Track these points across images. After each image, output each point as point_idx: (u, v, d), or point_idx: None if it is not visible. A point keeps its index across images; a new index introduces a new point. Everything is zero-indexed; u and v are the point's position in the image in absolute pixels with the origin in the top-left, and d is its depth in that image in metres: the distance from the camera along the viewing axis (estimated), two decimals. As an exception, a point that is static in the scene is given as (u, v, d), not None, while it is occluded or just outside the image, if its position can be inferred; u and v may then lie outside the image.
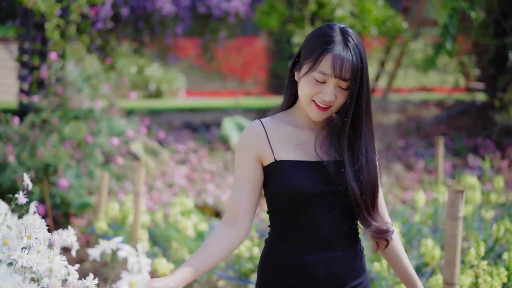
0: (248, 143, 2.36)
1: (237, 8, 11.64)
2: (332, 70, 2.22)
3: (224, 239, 2.33)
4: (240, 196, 2.36)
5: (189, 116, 12.86)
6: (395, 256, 2.47)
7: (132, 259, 1.39)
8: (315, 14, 12.31)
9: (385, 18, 12.83)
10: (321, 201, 2.28)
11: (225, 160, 11.02)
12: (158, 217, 6.17)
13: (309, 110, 2.31)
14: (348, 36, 2.25)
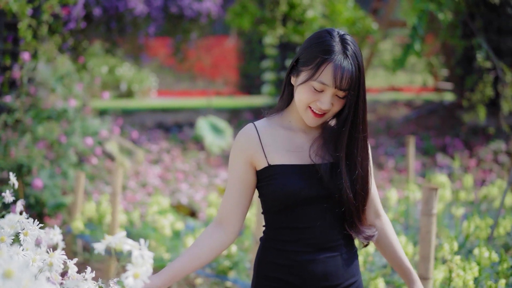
0: (241, 147, 2.38)
1: (209, 9, 11.68)
2: (332, 81, 2.22)
3: (212, 241, 2.35)
4: (231, 199, 2.38)
5: (161, 116, 12.89)
6: (389, 246, 2.50)
7: (136, 252, 1.46)
8: (287, 15, 12.43)
9: (355, 19, 12.98)
10: (314, 204, 2.30)
11: (198, 160, 11.07)
12: (134, 217, 6.21)
13: (305, 116, 2.32)
14: (347, 45, 2.25)
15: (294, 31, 12.52)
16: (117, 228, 5.51)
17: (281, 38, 12.69)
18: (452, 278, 3.61)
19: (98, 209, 6.27)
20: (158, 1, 11.30)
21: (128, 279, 1.43)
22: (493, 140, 11.87)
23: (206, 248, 2.34)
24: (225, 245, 2.40)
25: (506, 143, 11.70)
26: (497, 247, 5.10)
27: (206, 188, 9.99)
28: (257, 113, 13.50)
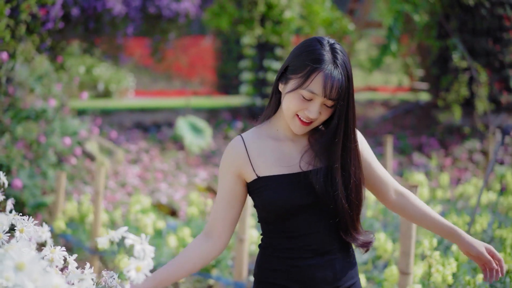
0: (229, 161, 2.38)
1: (187, 9, 11.72)
2: (322, 90, 2.22)
3: (199, 251, 2.38)
4: (219, 211, 2.39)
5: (140, 116, 12.90)
6: (424, 215, 2.47)
7: (138, 246, 1.52)
8: (265, 16, 12.51)
9: (332, 20, 13.11)
10: (308, 212, 2.31)
11: (177, 160, 11.11)
12: (116, 216, 6.24)
13: (292, 124, 2.31)
14: (337, 54, 2.25)
15: (272, 32, 12.61)
16: (99, 227, 5.55)
17: (259, 38, 12.77)
18: (431, 273, 3.71)
19: (80, 209, 6.29)
20: (137, 1, 11.31)
21: (131, 272, 1.49)
22: (468, 139, 12.06)
23: (192, 257, 2.37)
24: (211, 255, 2.41)
25: (481, 142, 11.89)
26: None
27: (186, 187, 10.04)
28: (235, 112, 13.56)
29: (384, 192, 2.48)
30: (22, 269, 1.29)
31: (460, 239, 2.39)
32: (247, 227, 4.68)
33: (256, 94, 13.30)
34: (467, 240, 2.38)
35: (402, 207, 2.49)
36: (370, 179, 2.46)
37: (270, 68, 13.07)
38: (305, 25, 12.97)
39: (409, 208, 2.47)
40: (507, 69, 12.95)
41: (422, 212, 2.46)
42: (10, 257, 1.29)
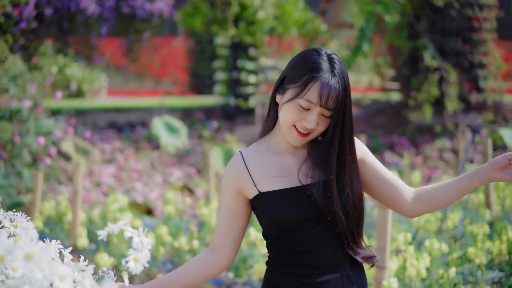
0: (229, 178, 2.36)
1: (161, 9, 11.75)
2: (318, 99, 2.19)
3: (201, 264, 2.37)
4: (222, 228, 2.37)
5: (113, 116, 12.91)
6: (440, 195, 2.33)
7: (136, 238, 1.61)
8: (238, 16, 12.61)
9: (305, 21, 13.24)
10: (311, 226, 2.26)
11: (152, 159, 11.16)
12: (94, 215, 6.28)
13: (289, 135, 2.27)
14: (334, 64, 2.23)
15: (246, 32, 12.71)
16: (78, 226, 5.59)
17: (232, 38, 12.86)
18: (406, 267, 3.83)
19: (58, 208, 6.32)
20: (110, 1, 11.31)
21: (130, 263, 1.57)
22: (438, 138, 12.28)
23: (193, 269, 2.37)
24: (213, 270, 2.39)
25: (451, 141, 12.11)
26: (446, 239, 5.37)
27: (161, 186, 10.09)
28: (209, 112, 13.64)
29: (399, 198, 2.37)
30: (31, 258, 1.36)
31: (482, 169, 2.23)
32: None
33: (230, 94, 13.39)
34: (485, 166, 2.23)
35: (424, 204, 2.36)
36: (381, 186, 2.39)
37: (244, 68, 13.18)
38: (278, 25, 13.09)
39: (426, 199, 2.35)
40: (476, 69, 13.22)
41: (436, 192, 2.33)
42: (20, 247, 1.37)
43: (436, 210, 2.34)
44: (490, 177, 2.21)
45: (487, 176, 2.21)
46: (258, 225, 5.38)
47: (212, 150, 7.63)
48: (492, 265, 4.49)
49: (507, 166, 2.19)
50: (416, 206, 2.35)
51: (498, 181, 2.21)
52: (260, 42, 13.02)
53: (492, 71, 13.67)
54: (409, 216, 2.39)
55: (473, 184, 2.25)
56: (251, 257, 5.07)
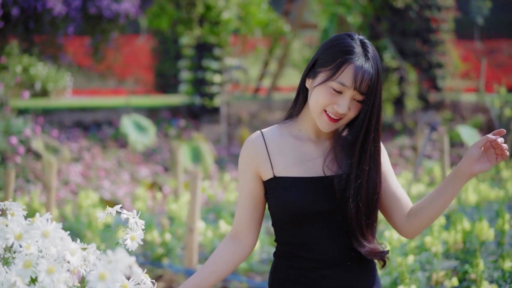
0: (247, 158, 2.27)
1: (127, 10, 11.91)
2: (352, 81, 2.10)
3: (228, 254, 2.29)
4: (243, 212, 2.30)
5: (80, 115, 13.02)
6: (425, 206, 2.20)
7: (131, 219, 1.83)
8: (203, 16, 12.82)
9: (269, 21, 13.51)
10: (323, 219, 2.19)
11: (119, 158, 11.31)
12: (67, 211, 6.45)
13: (319, 120, 2.17)
14: (367, 48, 2.16)
15: (211, 32, 12.93)
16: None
17: (197, 38, 13.07)
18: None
19: (31, 205, 6.47)
20: (77, 2, 11.43)
21: (127, 241, 1.80)
22: (398, 135, 12.65)
23: (222, 263, 2.28)
24: (241, 258, 2.31)
25: (411, 138, 12.49)
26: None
27: (128, 184, 10.26)
28: (175, 111, 13.83)
29: (399, 213, 2.24)
30: (47, 236, 1.59)
31: (460, 168, 2.14)
32: (196, 217, 4.99)
33: (196, 93, 13.61)
34: (461, 164, 2.14)
35: (415, 218, 2.22)
36: (384, 196, 2.27)
37: (209, 68, 13.40)
38: (242, 26, 13.34)
39: (419, 212, 2.21)
40: (434, 69, 13.65)
41: (421, 206, 2.21)
42: (37, 227, 1.59)
43: (428, 223, 2.20)
44: (471, 172, 2.12)
45: (467, 172, 2.12)
46: (227, 217, 5.61)
47: (180, 147, 7.84)
48: (448, 254, 4.79)
49: (481, 155, 2.11)
50: (409, 222, 2.22)
51: (479, 173, 2.14)
52: (225, 42, 13.26)
53: (450, 70, 14.13)
54: (405, 236, 2.26)
55: (457, 186, 2.15)
56: (221, 249, 5.29)
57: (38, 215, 1.65)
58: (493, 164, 2.12)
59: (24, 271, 1.55)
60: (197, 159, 10.12)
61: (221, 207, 7.27)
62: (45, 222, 1.60)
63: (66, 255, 1.61)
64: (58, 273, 1.56)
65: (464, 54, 22.76)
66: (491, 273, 4.32)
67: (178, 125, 12.93)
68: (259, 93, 17.60)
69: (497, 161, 2.11)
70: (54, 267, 1.55)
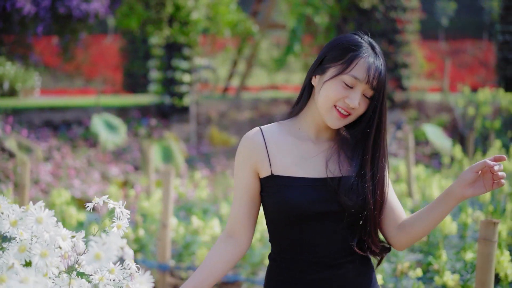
0: (245, 153, 2.23)
1: (97, 9, 11.94)
2: (366, 75, 2.10)
3: (224, 254, 2.25)
4: (239, 209, 2.25)
5: (49, 114, 13.03)
6: (418, 219, 2.18)
7: (118, 209, 1.96)
8: (173, 17, 12.92)
9: (237, 21, 13.65)
10: (319, 220, 2.15)
11: (89, 157, 11.36)
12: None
13: (329, 116, 2.14)
14: (375, 46, 2.18)
15: (180, 32, 13.03)
16: (26, 219, 5.82)
17: (167, 38, 13.16)
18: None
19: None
20: (46, 1, 11.44)
21: (114, 229, 1.93)
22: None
23: (219, 263, 2.24)
24: (237, 257, 2.27)
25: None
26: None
27: (99, 183, 10.32)
28: (144, 111, 13.90)
29: (389, 222, 2.23)
30: (41, 222, 1.71)
31: (452, 189, 2.10)
32: (169, 214, 5.12)
33: (165, 93, 13.71)
34: (454, 185, 2.09)
35: (405, 233, 2.20)
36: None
37: (179, 67, 13.51)
38: (211, 26, 13.46)
39: (409, 227, 2.19)
40: (400, 69, 13.92)
41: (413, 220, 2.19)
42: (31, 214, 1.72)
43: (416, 239, 2.19)
44: (462, 195, 2.07)
45: (459, 195, 2.07)
46: (199, 214, 5.75)
47: (152, 146, 7.95)
48: (413, 247, 4.98)
49: (476, 179, 2.06)
50: (398, 234, 2.21)
51: (471, 196, 2.09)
52: (194, 42, 13.37)
53: (415, 70, 14.42)
54: (393, 246, 2.24)
55: (447, 207, 2.11)
56: (194, 243, 5.43)
57: (31, 203, 1.78)
58: (488, 190, 2.06)
59: (19, 255, 1.67)
60: (168, 158, 10.22)
61: (191, 205, 7.39)
62: (39, 209, 1.73)
63: (58, 240, 1.74)
64: (51, 257, 1.69)
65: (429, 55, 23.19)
66: (453, 264, 4.51)
67: (149, 125, 13.02)
68: (228, 93, 17.74)
69: (493, 187, 2.04)
70: (47, 251, 1.68)
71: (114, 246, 1.53)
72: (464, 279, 4.26)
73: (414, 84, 14.52)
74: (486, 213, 5.02)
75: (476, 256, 4.35)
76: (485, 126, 12.33)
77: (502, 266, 3.61)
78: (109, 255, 1.51)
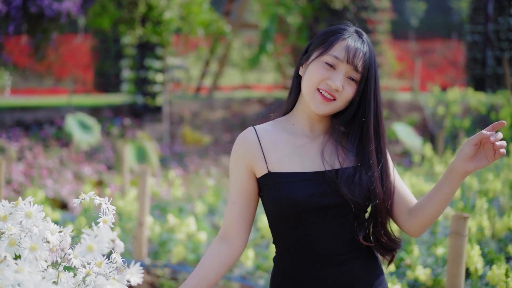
0: (240, 153, 2.20)
1: (69, 9, 11.91)
2: (345, 54, 2.08)
3: (219, 257, 2.21)
4: (234, 210, 2.22)
5: (20, 114, 12.96)
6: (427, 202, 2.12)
7: (104, 205, 2.02)
8: (145, 16, 12.93)
9: (210, 21, 13.71)
10: (322, 215, 2.11)
11: (61, 157, 11.32)
12: (15, 208, 6.51)
13: (312, 101, 2.11)
14: (362, 34, 2.16)
15: (153, 32, 13.05)
16: (1, 219, 5.82)
17: (140, 38, 13.17)
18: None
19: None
20: (17, 1, 11.38)
21: (100, 224, 1.98)
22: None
23: (214, 266, 2.20)
24: (232, 259, 2.23)
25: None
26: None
27: (72, 183, 10.30)
28: (117, 110, 13.89)
29: (401, 210, 2.18)
30: (30, 216, 1.76)
31: (453, 166, 2.04)
32: (146, 212, 5.17)
33: (138, 92, 13.71)
34: (455, 161, 2.03)
35: (416, 217, 2.15)
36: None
37: (151, 67, 13.52)
38: (184, 25, 13.50)
39: (420, 210, 2.14)
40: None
41: (423, 202, 2.14)
42: (21, 208, 1.76)
43: (428, 222, 2.12)
44: (465, 170, 2.01)
45: (462, 171, 2.01)
46: (175, 212, 5.80)
47: (126, 146, 7.97)
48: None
49: (477, 152, 2.00)
50: (410, 220, 2.15)
51: (475, 170, 2.01)
52: (167, 41, 13.40)
53: (386, 70, 14.61)
54: (408, 233, 2.18)
55: (453, 184, 2.05)
56: (170, 241, 5.48)
57: (20, 199, 1.83)
58: (491, 161, 1.98)
59: (9, 249, 1.72)
60: (142, 157, 10.23)
61: (166, 204, 7.43)
62: (28, 204, 1.78)
63: (47, 234, 1.79)
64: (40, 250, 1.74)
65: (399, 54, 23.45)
66: (425, 259, 4.63)
67: (122, 124, 13.01)
68: (201, 92, 17.78)
69: (495, 157, 1.97)
70: (36, 245, 1.73)
71: (105, 238, 1.59)
72: (436, 273, 4.38)
73: (385, 83, 14.71)
74: (456, 209, 5.15)
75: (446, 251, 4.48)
76: (455, 125, 12.55)
77: (472, 260, 3.71)
78: (101, 247, 1.57)
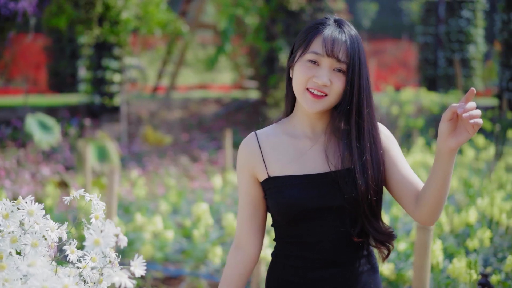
0: (243, 160, 2.23)
1: (25, 8, 11.80)
2: (323, 47, 2.07)
3: (236, 267, 2.26)
4: (245, 218, 2.24)
5: (-26, 115, 12.80)
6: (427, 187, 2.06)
7: (94, 201, 2.10)
8: (103, 16, 12.89)
9: (167, 21, 13.73)
10: (322, 216, 2.12)
11: (18, 157, 11.22)
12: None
13: (304, 101, 2.11)
14: (341, 23, 2.13)
15: (110, 32, 13.01)
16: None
17: (97, 38, 13.12)
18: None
19: None
20: (-28, -1, 11.24)
21: (92, 220, 2.06)
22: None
23: (234, 276, 2.26)
24: (250, 267, 2.27)
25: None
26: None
27: (30, 183, 10.23)
28: (74, 110, 13.80)
29: (409, 198, 2.14)
30: (32, 214, 1.84)
31: (438, 146, 1.98)
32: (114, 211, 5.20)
33: (95, 92, 13.66)
34: (437, 141, 1.98)
35: (420, 204, 2.10)
36: (393, 181, 2.16)
37: (109, 67, 13.49)
38: (141, 25, 13.50)
39: (422, 193, 2.08)
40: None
41: (424, 188, 2.08)
42: (23, 207, 1.84)
43: (435, 205, 2.05)
44: (450, 148, 1.94)
45: (447, 149, 1.95)
46: (143, 210, 5.85)
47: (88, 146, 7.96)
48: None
49: (457, 127, 1.93)
50: (417, 206, 2.10)
51: (458, 146, 1.94)
52: (124, 41, 13.38)
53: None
54: (420, 221, 2.12)
55: (444, 163, 1.98)
56: (138, 240, 5.54)
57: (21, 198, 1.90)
58: (472, 133, 1.90)
59: (11, 245, 1.79)
60: (104, 157, 10.22)
61: (129, 204, 7.46)
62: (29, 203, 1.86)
63: (47, 232, 1.87)
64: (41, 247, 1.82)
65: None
66: (387, 255, 4.79)
67: (80, 124, 12.95)
68: (158, 92, 17.78)
69: (474, 128, 1.88)
70: (37, 241, 1.81)
71: (110, 233, 1.68)
72: (399, 267, 4.55)
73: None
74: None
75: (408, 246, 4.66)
76: (409, 124, 12.84)
77: (434, 254, 3.87)
78: (107, 241, 1.66)
